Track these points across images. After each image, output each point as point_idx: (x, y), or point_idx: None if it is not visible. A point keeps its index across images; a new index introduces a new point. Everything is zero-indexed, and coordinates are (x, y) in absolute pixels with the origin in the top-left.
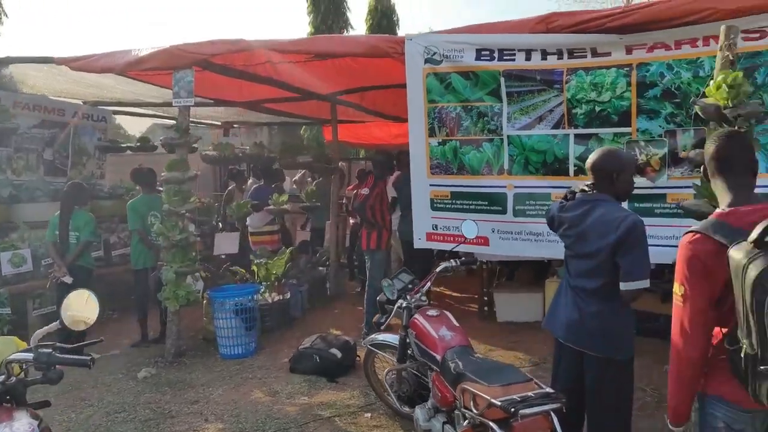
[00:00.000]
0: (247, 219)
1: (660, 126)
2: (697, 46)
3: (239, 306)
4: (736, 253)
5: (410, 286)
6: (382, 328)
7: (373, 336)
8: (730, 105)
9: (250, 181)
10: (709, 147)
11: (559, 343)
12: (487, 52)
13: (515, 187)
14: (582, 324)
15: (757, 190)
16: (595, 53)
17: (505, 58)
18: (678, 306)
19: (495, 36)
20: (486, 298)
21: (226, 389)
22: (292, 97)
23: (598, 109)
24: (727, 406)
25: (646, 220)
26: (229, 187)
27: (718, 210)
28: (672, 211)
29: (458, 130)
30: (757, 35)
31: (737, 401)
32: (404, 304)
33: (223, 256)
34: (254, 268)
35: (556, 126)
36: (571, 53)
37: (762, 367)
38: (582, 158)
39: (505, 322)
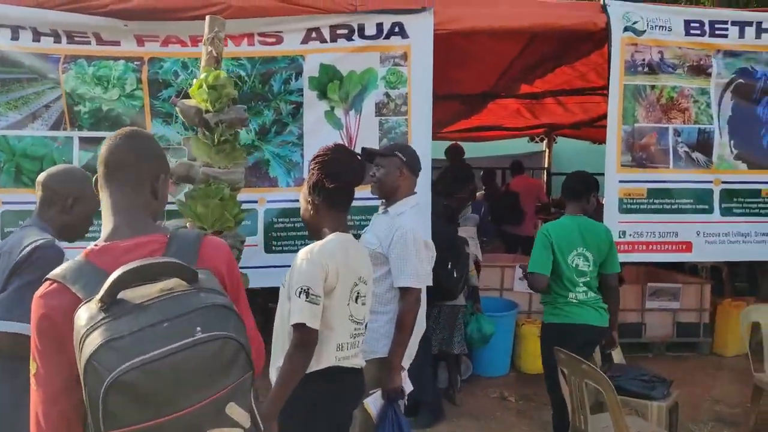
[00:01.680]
0: None
1: (178, 132)
2: None
3: None
4: (82, 315)
5: None
6: None
7: None
8: (212, 109)
9: None
10: (101, 149)
11: None
12: None
13: (5, 203)
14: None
15: (282, 205)
16: (100, 40)
17: None
18: (33, 391)
19: None
20: None
21: None
22: None
23: (105, 108)
24: None
25: None
26: None
27: (91, 245)
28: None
29: None
30: (274, 39)
31: None
32: None
33: None
34: None
35: (56, 126)
36: (71, 37)
37: None
38: (90, 167)
39: None
